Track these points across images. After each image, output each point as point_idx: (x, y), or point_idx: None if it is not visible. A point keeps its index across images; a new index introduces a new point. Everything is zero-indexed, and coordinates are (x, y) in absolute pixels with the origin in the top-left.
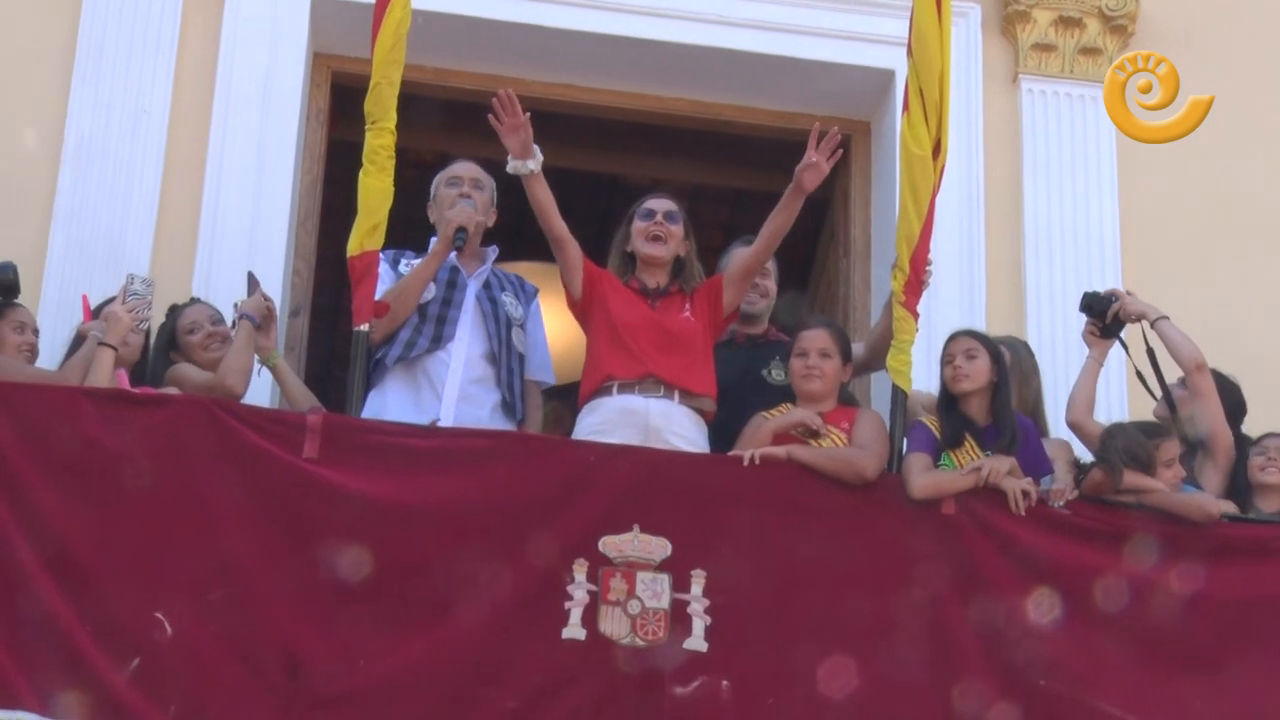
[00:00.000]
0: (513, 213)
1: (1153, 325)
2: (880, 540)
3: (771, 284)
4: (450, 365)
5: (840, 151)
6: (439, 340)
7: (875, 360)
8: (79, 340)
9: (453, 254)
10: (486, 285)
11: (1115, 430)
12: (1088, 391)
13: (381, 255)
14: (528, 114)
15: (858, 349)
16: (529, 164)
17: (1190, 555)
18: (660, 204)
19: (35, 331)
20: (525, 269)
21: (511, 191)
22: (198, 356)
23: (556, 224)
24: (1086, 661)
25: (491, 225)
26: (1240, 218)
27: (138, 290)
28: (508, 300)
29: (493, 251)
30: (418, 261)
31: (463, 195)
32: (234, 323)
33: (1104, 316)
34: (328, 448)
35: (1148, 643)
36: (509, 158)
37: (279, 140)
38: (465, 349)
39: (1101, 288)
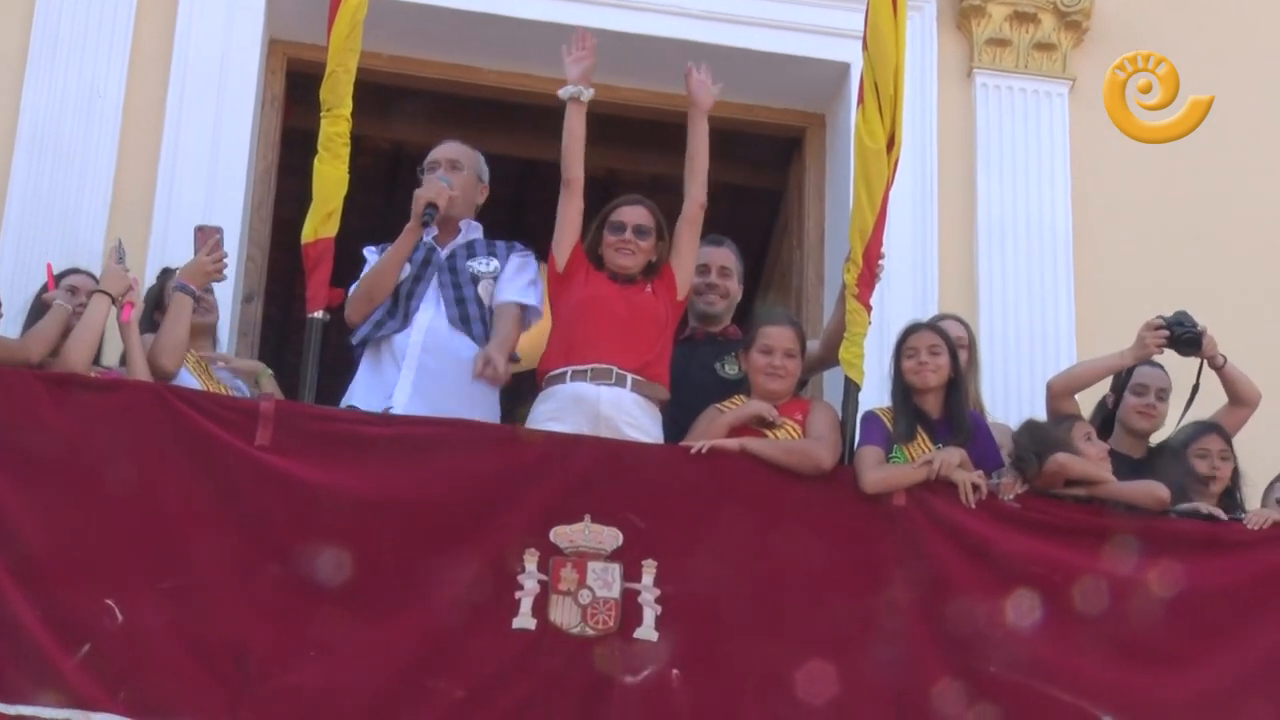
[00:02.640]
0: (510, 203)
1: (1220, 369)
2: (831, 532)
3: (733, 284)
4: (411, 338)
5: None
6: (407, 317)
7: (830, 356)
8: (40, 307)
9: (431, 233)
10: (453, 255)
11: (1022, 428)
12: (1094, 377)
13: (374, 248)
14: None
15: (812, 345)
16: (583, 91)
17: (1141, 548)
18: (631, 216)
19: None
20: None
21: (509, 182)
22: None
23: (576, 166)
24: (1039, 649)
25: (481, 202)
26: (1191, 213)
27: (121, 259)
28: (476, 263)
29: (468, 225)
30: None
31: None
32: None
33: (1186, 344)
34: (280, 435)
35: (1098, 631)
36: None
37: (234, 126)
38: (428, 319)
39: (1053, 281)
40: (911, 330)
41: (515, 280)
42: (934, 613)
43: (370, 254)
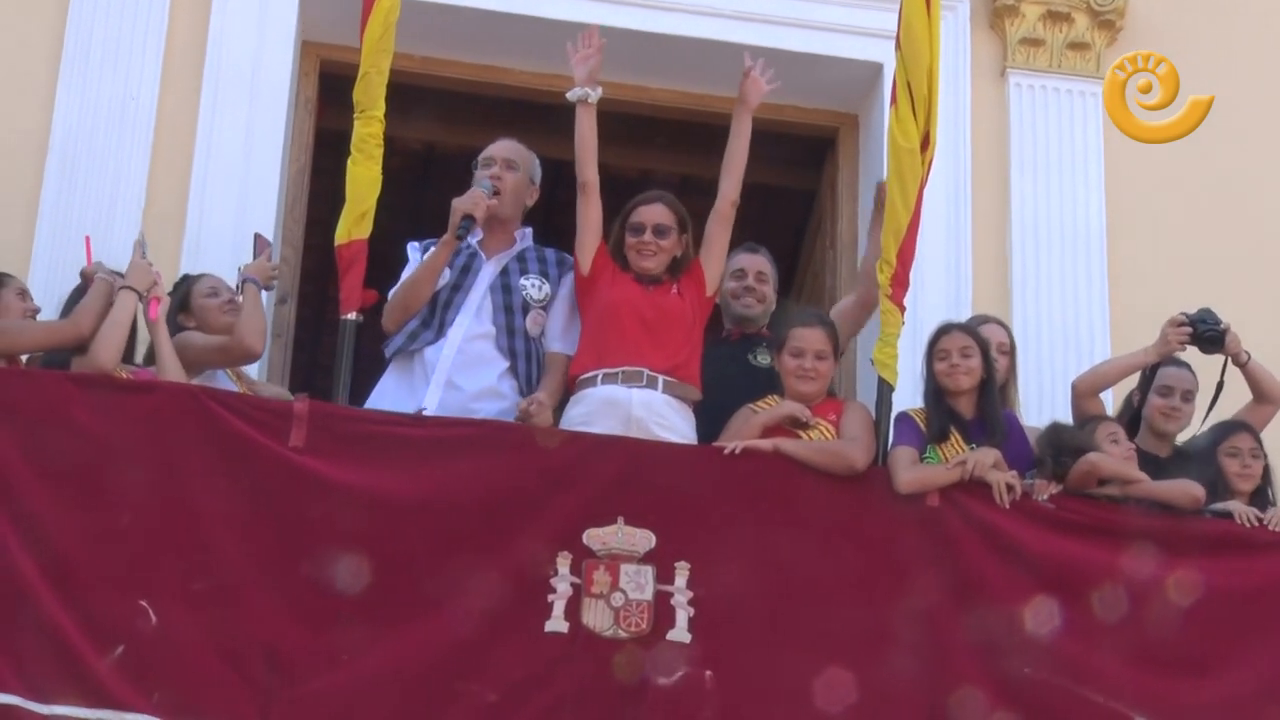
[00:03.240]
0: (539, 204)
1: (1244, 366)
2: (865, 533)
3: (769, 290)
4: (444, 352)
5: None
6: (442, 328)
7: (857, 327)
8: (83, 283)
9: (476, 235)
10: (505, 270)
11: (1046, 431)
12: (1118, 375)
13: (416, 245)
14: (603, 40)
15: (847, 302)
16: (590, 92)
17: (1174, 548)
18: (650, 215)
19: (36, 303)
20: None
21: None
22: (215, 321)
23: (590, 168)
24: (1072, 650)
25: (530, 205)
26: (1225, 213)
27: (144, 253)
28: (529, 284)
29: (523, 235)
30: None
31: (492, 177)
32: (238, 287)
33: (1208, 341)
34: (314, 436)
35: (1132, 632)
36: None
37: (267, 128)
38: (463, 333)
39: (1087, 281)
40: (943, 331)
41: (571, 329)
42: (968, 613)
43: (413, 250)
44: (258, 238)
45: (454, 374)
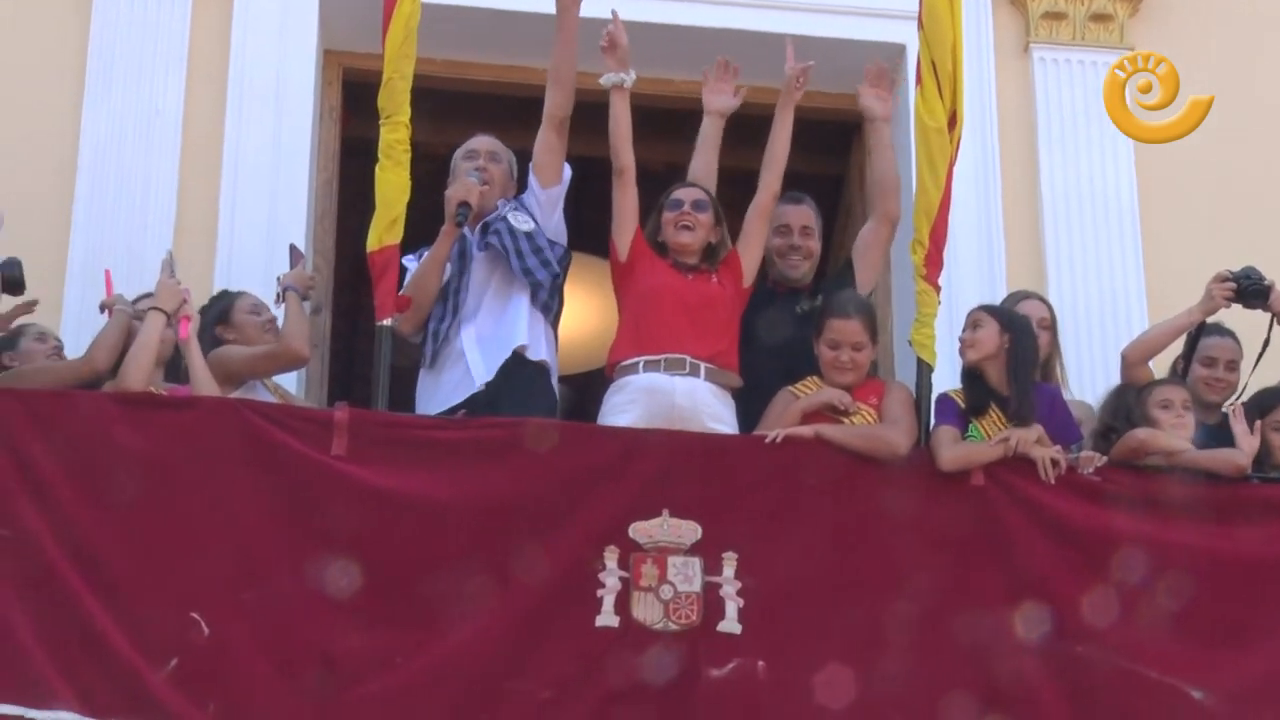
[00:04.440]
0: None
1: None
2: (910, 515)
3: (814, 243)
4: (464, 335)
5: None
6: (458, 311)
7: (882, 250)
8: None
9: (466, 230)
10: (485, 229)
11: (1112, 394)
12: (1165, 340)
13: (412, 256)
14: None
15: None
16: (625, 77)
17: (1221, 517)
18: (688, 193)
19: (58, 340)
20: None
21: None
22: (254, 339)
23: (626, 154)
24: (1125, 627)
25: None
26: (1257, 176)
27: (173, 272)
28: (503, 224)
29: (502, 204)
30: None
31: (477, 169)
32: (278, 295)
33: (1253, 295)
34: (356, 444)
35: (1184, 606)
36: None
37: (293, 139)
38: (478, 305)
39: (1121, 252)
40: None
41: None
42: (1017, 592)
43: (410, 263)
44: (292, 249)
45: (485, 345)
